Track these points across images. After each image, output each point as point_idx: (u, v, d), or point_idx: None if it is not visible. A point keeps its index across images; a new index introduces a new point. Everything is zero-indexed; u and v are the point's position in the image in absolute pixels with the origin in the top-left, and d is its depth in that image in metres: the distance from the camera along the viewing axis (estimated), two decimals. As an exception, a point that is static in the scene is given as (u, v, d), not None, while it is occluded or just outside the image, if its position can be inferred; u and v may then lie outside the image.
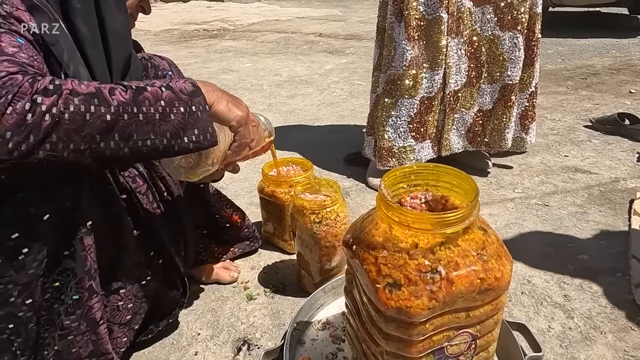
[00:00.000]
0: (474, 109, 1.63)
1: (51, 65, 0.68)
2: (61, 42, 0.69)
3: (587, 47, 3.93)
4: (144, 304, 0.90)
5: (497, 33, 1.52)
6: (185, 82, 0.70)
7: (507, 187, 1.63)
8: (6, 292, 0.70)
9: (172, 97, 0.66)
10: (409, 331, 0.63)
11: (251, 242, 1.27)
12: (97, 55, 0.74)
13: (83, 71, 0.71)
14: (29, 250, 0.69)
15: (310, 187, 1.12)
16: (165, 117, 0.65)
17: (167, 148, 0.66)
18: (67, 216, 0.72)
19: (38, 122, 0.56)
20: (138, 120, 0.63)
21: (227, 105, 0.74)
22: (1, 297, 0.70)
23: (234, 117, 0.75)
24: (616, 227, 1.34)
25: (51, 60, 0.68)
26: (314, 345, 0.92)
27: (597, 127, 2.10)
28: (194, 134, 0.68)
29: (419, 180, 0.73)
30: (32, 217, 0.69)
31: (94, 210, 0.75)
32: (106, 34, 0.75)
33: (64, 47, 0.69)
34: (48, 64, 0.68)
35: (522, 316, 1.02)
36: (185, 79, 0.71)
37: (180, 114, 0.66)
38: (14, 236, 0.68)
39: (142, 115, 0.63)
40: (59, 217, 0.71)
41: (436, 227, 0.62)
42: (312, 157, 1.41)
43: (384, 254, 0.64)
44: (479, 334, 0.68)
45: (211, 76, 3.41)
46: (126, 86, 0.64)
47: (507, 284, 0.65)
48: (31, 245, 0.69)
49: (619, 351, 0.92)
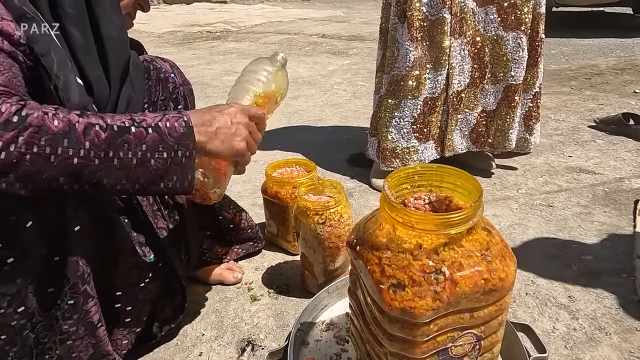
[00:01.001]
0: (478, 109, 1.63)
1: (41, 76, 0.65)
2: (52, 52, 0.66)
3: (591, 47, 3.92)
4: (144, 307, 0.89)
5: (500, 33, 1.52)
6: (179, 121, 0.66)
7: (511, 187, 1.62)
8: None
9: (157, 141, 0.63)
10: (413, 332, 0.63)
11: (255, 243, 1.27)
12: (91, 61, 0.72)
13: (74, 80, 0.68)
14: (14, 259, 0.66)
15: (313, 188, 1.12)
16: (144, 163, 0.62)
17: (139, 192, 0.65)
18: (52, 222, 0.69)
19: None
20: (111, 165, 0.60)
21: (223, 143, 0.71)
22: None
23: (230, 154, 0.73)
24: (621, 227, 1.34)
25: (40, 71, 0.65)
26: (317, 346, 0.92)
27: (602, 127, 2.10)
28: (171, 181, 0.66)
29: (423, 181, 0.73)
30: (13, 226, 0.66)
31: (82, 214, 0.72)
32: (102, 39, 0.73)
33: (55, 58, 0.66)
34: (37, 75, 0.65)
35: (527, 317, 1.02)
36: (181, 116, 0.68)
37: (162, 160, 0.64)
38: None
39: (117, 161, 0.60)
40: (43, 224, 0.68)
41: (440, 228, 0.62)
42: (315, 158, 1.41)
43: (387, 255, 0.64)
44: (483, 334, 0.68)
45: (214, 78, 3.42)
46: (107, 125, 0.60)
47: (511, 285, 0.65)
48: (16, 255, 0.66)
49: (624, 352, 0.91)
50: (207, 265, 1.18)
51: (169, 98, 0.98)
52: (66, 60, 0.68)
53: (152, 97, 0.96)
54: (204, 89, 3.08)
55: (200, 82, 3.25)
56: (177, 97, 0.99)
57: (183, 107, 0.99)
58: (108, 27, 0.74)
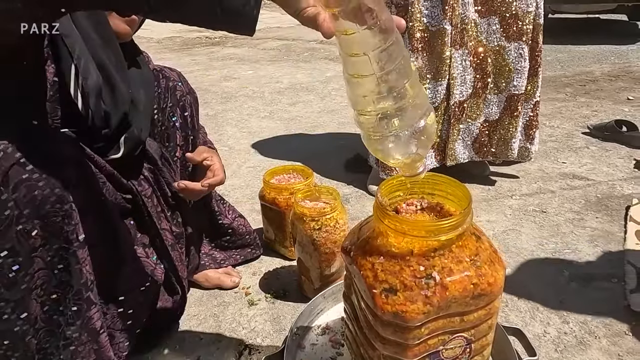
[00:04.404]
0: (480, 119, 1.65)
1: (62, 55, 0.72)
2: (73, 36, 0.73)
3: (587, 53, 3.96)
4: (144, 309, 0.91)
5: (503, 44, 1.54)
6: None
7: (506, 193, 1.65)
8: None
9: None
10: (405, 335, 0.65)
11: (253, 250, 1.29)
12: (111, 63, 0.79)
13: (94, 67, 0.74)
14: (20, 267, 0.67)
15: (310, 194, 1.14)
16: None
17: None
18: (57, 230, 0.70)
19: None
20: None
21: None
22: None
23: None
24: (612, 233, 1.36)
25: (62, 50, 0.72)
26: (313, 350, 0.94)
27: (595, 133, 2.13)
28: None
29: (415, 188, 0.75)
30: (19, 234, 0.66)
31: (87, 223, 0.73)
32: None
33: (76, 42, 0.73)
34: (58, 52, 0.72)
35: (519, 321, 1.04)
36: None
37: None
38: (2, 254, 0.66)
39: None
40: (48, 232, 0.69)
41: (430, 234, 0.64)
42: (312, 164, 1.43)
43: (380, 260, 0.66)
44: (473, 338, 0.70)
45: (213, 83, 3.45)
46: None
47: (500, 290, 0.67)
48: (22, 262, 0.67)
49: (613, 356, 0.93)
50: (205, 270, 1.20)
51: (176, 105, 1.03)
52: (85, 50, 0.75)
53: (162, 103, 1.01)
54: (203, 95, 3.11)
55: (199, 88, 3.27)
56: (183, 104, 1.04)
57: (189, 114, 1.04)
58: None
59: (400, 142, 0.55)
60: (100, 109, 0.79)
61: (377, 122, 0.54)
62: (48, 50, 0.74)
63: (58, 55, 0.73)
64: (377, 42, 0.48)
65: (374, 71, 0.50)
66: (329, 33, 0.50)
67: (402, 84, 0.51)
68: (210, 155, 1.03)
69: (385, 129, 0.54)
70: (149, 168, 0.95)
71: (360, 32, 0.48)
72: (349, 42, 0.50)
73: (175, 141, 1.05)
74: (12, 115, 0.74)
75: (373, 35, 0.48)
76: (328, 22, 0.50)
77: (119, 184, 0.86)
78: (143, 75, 0.93)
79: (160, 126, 1.03)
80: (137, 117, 0.88)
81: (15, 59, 0.71)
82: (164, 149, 1.03)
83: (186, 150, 1.05)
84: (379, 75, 0.50)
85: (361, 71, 0.51)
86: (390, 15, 0.50)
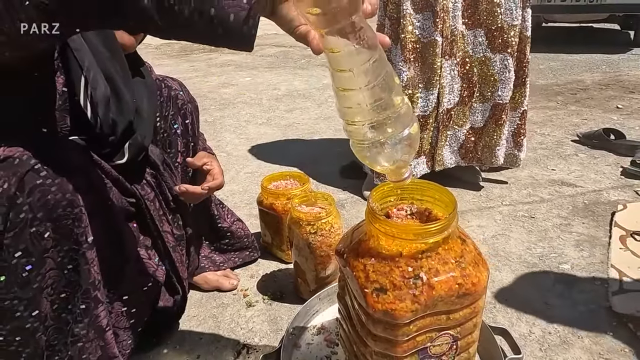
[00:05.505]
0: (467, 126, 1.71)
1: (72, 67, 0.77)
2: (84, 50, 0.78)
3: (578, 62, 4.04)
4: (146, 308, 0.95)
5: (488, 55, 1.60)
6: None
7: (496, 199, 1.70)
8: (12, 307, 0.71)
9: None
10: (394, 332, 0.69)
11: (251, 253, 1.34)
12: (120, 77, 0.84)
13: (102, 79, 0.79)
14: (32, 267, 0.71)
15: (306, 199, 1.19)
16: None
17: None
18: (68, 233, 0.73)
19: None
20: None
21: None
22: (8, 312, 0.71)
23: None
24: (598, 238, 1.41)
25: (72, 62, 0.77)
26: (309, 349, 0.98)
27: (584, 141, 2.19)
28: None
29: (405, 194, 0.80)
30: (33, 236, 0.70)
31: (95, 226, 0.77)
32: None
33: (86, 55, 0.78)
34: (68, 64, 0.77)
35: (505, 322, 1.08)
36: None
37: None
38: (17, 254, 0.69)
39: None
40: (59, 235, 0.72)
41: (418, 237, 0.68)
42: (309, 170, 1.48)
43: (372, 262, 0.70)
44: (459, 335, 0.75)
45: (211, 90, 3.50)
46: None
47: (484, 290, 0.72)
48: (34, 263, 0.71)
49: (595, 354, 0.98)
50: (204, 272, 1.24)
51: (178, 113, 1.08)
52: (94, 62, 0.80)
53: (164, 111, 1.06)
54: (201, 102, 3.15)
55: (197, 94, 3.30)
56: (185, 112, 1.09)
57: (190, 122, 1.09)
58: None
59: (386, 150, 0.59)
60: (107, 118, 0.83)
61: (364, 131, 0.58)
62: (58, 62, 0.78)
63: (68, 67, 0.77)
64: (361, 59, 0.53)
65: (359, 85, 0.54)
66: (318, 50, 0.55)
67: (386, 96, 0.56)
68: (209, 160, 1.07)
69: (372, 138, 0.58)
70: (151, 173, 1.00)
71: (345, 51, 0.52)
72: (335, 59, 0.54)
73: (177, 147, 1.09)
74: (24, 123, 0.78)
75: (358, 53, 0.52)
76: (317, 40, 0.54)
77: (123, 189, 0.90)
78: (147, 84, 0.98)
79: (162, 133, 1.07)
80: (141, 125, 0.92)
81: (29, 70, 0.75)
82: (166, 155, 1.07)
83: (187, 156, 1.10)
84: (364, 89, 0.54)
85: (348, 85, 0.55)
86: (374, 33, 0.53)
